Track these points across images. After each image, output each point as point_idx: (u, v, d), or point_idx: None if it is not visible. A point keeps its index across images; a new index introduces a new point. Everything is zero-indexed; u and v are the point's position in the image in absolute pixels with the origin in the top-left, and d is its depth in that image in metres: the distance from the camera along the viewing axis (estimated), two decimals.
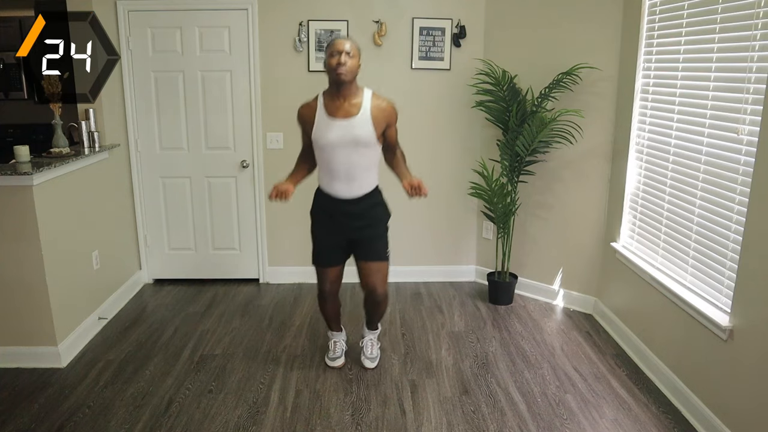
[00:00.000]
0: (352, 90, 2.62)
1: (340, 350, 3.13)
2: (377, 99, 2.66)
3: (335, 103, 2.63)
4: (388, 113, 2.67)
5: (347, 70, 2.53)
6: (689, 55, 2.73)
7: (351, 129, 2.60)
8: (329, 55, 2.55)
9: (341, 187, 2.70)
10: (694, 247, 2.70)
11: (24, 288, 2.95)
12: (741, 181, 2.35)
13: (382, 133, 2.69)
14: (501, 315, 3.76)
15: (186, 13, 3.84)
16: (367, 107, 2.62)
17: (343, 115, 2.61)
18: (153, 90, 3.96)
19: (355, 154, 2.64)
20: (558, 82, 3.47)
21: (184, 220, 4.18)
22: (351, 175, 2.67)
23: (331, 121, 2.62)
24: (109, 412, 2.66)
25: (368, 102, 2.63)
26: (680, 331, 2.74)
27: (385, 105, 2.67)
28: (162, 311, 3.79)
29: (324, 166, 2.73)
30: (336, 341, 3.14)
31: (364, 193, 2.73)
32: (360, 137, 2.60)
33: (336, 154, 2.64)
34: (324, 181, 2.77)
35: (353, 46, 2.57)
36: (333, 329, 3.15)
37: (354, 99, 2.63)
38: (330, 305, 3.02)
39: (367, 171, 2.70)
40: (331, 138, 2.61)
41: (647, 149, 3.13)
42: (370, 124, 2.61)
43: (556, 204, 3.82)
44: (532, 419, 2.64)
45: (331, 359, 3.11)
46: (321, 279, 2.94)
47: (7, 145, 4.42)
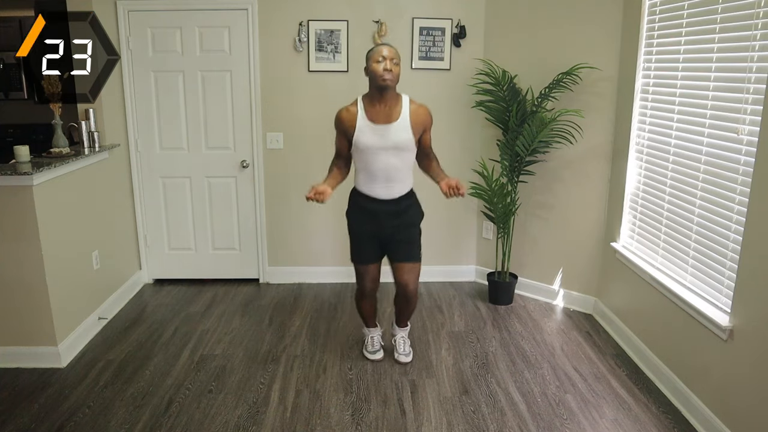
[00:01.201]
0: (392, 95, 2.70)
1: (377, 344, 3.21)
2: (414, 104, 2.77)
3: (375, 108, 2.71)
4: (424, 118, 2.78)
5: (393, 78, 2.62)
6: (689, 55, 2.73)
7: (391, 134, 2.70)
8: (374, 61, 2.63)
9: (380, 189, 2.79)
10: (694, 247, 2.70)
11: (24, 288, 2.95)
12: (741, 181, 2.34)
13: (418, 138, 2.78)
14: (501, 315, 3.76)
15: (186, 13, 3.84)
16: (406, 113, 2.72)
17: (384, 120, 2.70)
18: (153, 90, 3.96)
19: (395, 157, 2.73)
20: (558, 82, 3.47)
21: (184, 220, 4.18)
22: (390, 177, 2.76)
23: (372, 126, 2.71)
24: (109, 412, 2.66)
25: (407, 107, 2.73)
26: (680, 331, 2.74)
27: (422, 111, 2.77)
28: (162, 311, 3.79)
29: (363, 169, 2.81)
30: (373, 336, 3.21)
31: (401, 194, 2.82)
32: (399, 142, 2.71)
33: (376, 157, 2.73)
34: (362, 183, 2.84)
35: (398, 53, 2.66)
36: (369, 326, 3.21)
37: (393, 104, 2.72)
38: (368, 304, 3.10)
39: (405, 173, 2.81)
40: (373, 143, 2.70)
41: (647, 149, 3.13)
42: (409, 130, 2.71)
43: (556, 204, 3.82)
44: (532, 419, 2.64)
45: (370, 352, 3.18)
46: (362, 277, 2.99)
47: (7, 145, 4.42)
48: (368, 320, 3.18)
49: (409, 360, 3.14)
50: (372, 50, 2.67)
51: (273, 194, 4.15)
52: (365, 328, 3.22)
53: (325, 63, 3.94)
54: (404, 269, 2.90)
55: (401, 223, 2.85)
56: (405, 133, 2.71)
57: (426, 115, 2.78)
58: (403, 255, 2.89)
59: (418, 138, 2.78)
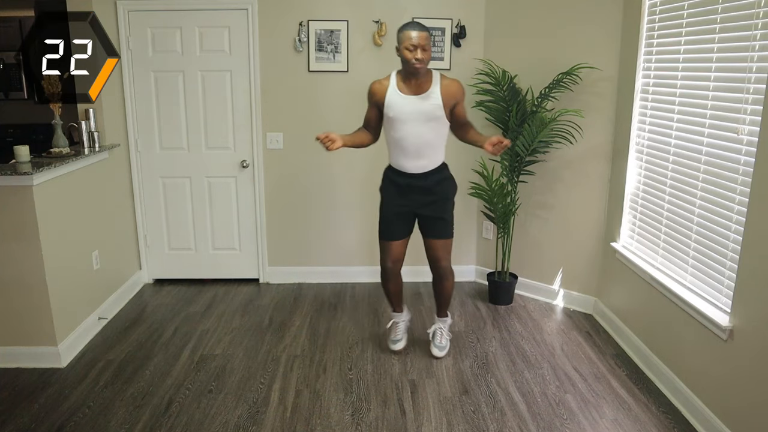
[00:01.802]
0: (423, 72, 2.78)
1: (401, 333, 3.24)
2: (446, 79, 2.85)
3: (407, 82, 2.81)
4: (455, 90, 2.84)
5: (424, 63, 2.71)
6: (689, 55, 2.73)
7: (421, 104, 2.79)
8: (405, 48, 2.70)
9: (411, 163, 2.86)
10: (694, 247, 2.70)
11: (24, 288, 2.95)
12: (741, 181, 2.34)
13: (450, 111, 2.85)
14: (501, 315, 3.76)
15: (186, 13, 3.84)
16: (437, 86, 2.81)
17: (414, 92, 2.80)
18: (153, 90, 3.96)
19: (425, 128, 2.81)
20: (558, 82, 3.47)
21: (184, 220, 4.18)
22: (420, 150, 2.84)
23: (402, 96, 2.81)
24: (109, 412, 2.66)
25: (437, 82, 2.82)
26: (680, 331, 2.74)
27: (453, 84, 2.84)
28: (162, 311, 3.79)
29: (394, 144, 2.88)
30: (397, 322, 3.24)
31: (432, 168, 2.89)
32: (430, 111, 2.79)
33: (407, 128, 2.81)
34: (394, 158, 2.92)
35: (426, 36, 2.71)
36: (395, 309, 3.25)
37: (425, 80, 2.81)
38: (392, 283, 3.12)
39: (436, 147, 2.88)
40: (403, 111, 2.79)
41: (647, 149, 3.13)
42: (439, 99, 2.79)
43: (556, 204, 3.82)
44: (532, 419, 2.64)
45: (393, 342, 3.22)
46: (384, 253, 3.04)
47: (7, 145, 4.42)
48: (393, 302, 3.22)
49: (442, 355, 3.17)
50: (402, 33, 2.72)
51: (273, 194, 4.15)
52: (391, 312, 3.28)
53: (325, 63, 3.94)
54: (436, 245, 3.00)
55: (432, 198, 2.93)
56: (434, 103, 2.78)
57: (457, 88, 2.84)
58: (434, 231, 2.99)
59: (450, 110, 2.84)
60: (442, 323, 3.25)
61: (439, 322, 3.25)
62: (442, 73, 2.87)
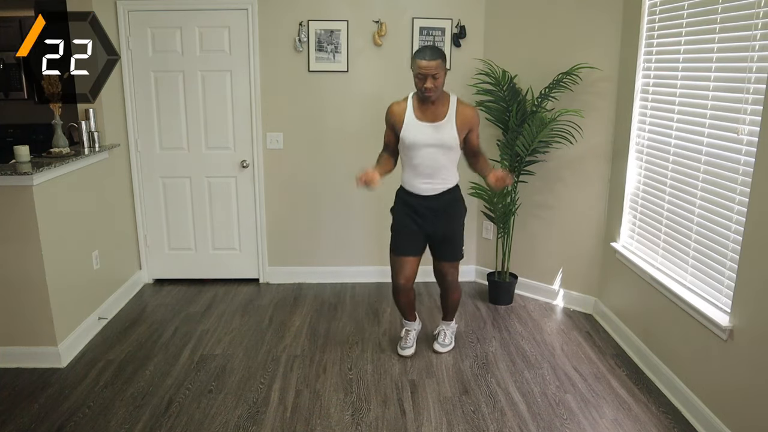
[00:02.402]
0: (439, 96, 2.79)
1: (412, 340, 3.25)
2: (462, 105, 2.85)
3: (423, 107, 2.81)
4: (470, 117, 2.84)
5: (436, 90, 2.70)
6: (689, 55, 2.73)
7: (437, 132, 2.79)
8: (416, 75, 2.70)
9: (424, 185, 2.88)
10: (694, 247, 2.70)
11: (24, 288, 2.95)
12: (741, 181, 2.34)
13: (464, 138, 2.86)
14: (501, 315, 3.75)
15: (186, 13, 3.84)
16: (453, 113, 2.81)
17: (431, 119, 2.80)
18: (153, 90, 3.96)
19: (439, 154, 2.82)
20: (558, 82, 3.47)
21: (184, 220, 4.18)
22: (434, 173, 2.86)
23: (419, 124, 2.81)
24: (109, 412, 2.66)
25: (454, 108, 2.82)
26: (680, 331, 2.74)
27: (469, 111, 2.85)
28: (162, 311, 3.79)
29: (409, 164, 2.90)
30: (409, 330, 3.26)
31: (445, 189, 2.91)
32: (445, 141, 2.80)
33: (421, 153, 2.82)
34: (407, 179, 2.94)
35: (439, 65, 2.66)
36: (408, 318, 3.26)
37: (441, 104, 2.81)
38: (404, 298, 3.13)
39: (448, 170, 2.89)
40: (419, 139, 2.80)
41: (647, 149, 3.13)
42: (454, 129, 2.80)
43: (556, 204, 3.82)
44: (532, 419, 2.64)
45: (402, 348, 3.22)
46: (396, 270, 3.03)
47: (7, 145, 4.42)
48: (406, 312, 3.22)
49: (444, 351, 3.22)
50: (414, 60, 2.70)
51: (273, 194, 4.15)
52: (403, 320, 3.29)
53: (325, 63, 3.94)
54: (444, 266, 3.06)
55: (443, 220, 2.94)
56: (450, 132, 2.79)
57: (473, 115, 2.85)
58: (445, 254, 3.04)
59: (464, 137, 2.85)
60: (446, 326, 3.28)
61: (443, 324, 3.29)
62: (459, 98, 2.86)
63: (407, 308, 3.19)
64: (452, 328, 3.32)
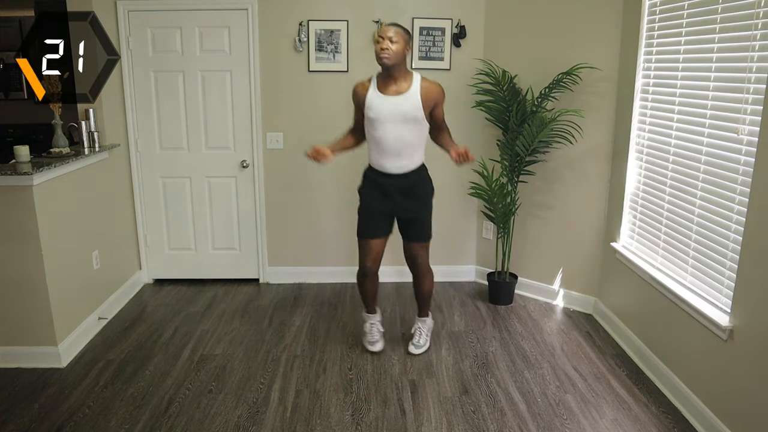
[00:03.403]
0: (401, 73, 2.84)
1: (377, 333, 3.27)
2: (426, 81, 2.88)
3: (386, 83, 2.86)
4: (435, 93, 2.87)
5: (390, 55, 2.74)
6: (689, 55, 2.73)
7: (400, 104, 2.82)
8: (374, 41, 2.81)
9: (391, 163, 2.90)
10: (694, 247, 2.70)
11: (24, 288, 2.95)
12: (741, 181, 2.34)
13: (430, 113, 2.88)
14: (501, 315, 3.76)
15: (186, 13, 3.84)
16: (417, 87, 2.84)
17: (394, 92, 2.84)
18: (153, 90, 3.96)
19: (404, 129, 2.84)
20: (558, 82, 3.47)
21: (184, 220, 4.18)
22: (399, 151, 2.88)
23: (381, 97, 2.85)
24: (109, 412, 2.66)
25: (417, 83, 2.85)
26: (680, 331, 2.74)
27: (433, 87, 2.87)
28: (162, 311, 3.79)
29: (374, 143, 2.92)
30: (372, 323, 3.27)
31: (411, 168, 2.93)
32: (408, 112, 2.82)
33: (386, 129, 2.84)
34: (373, 158, 2.96)
35: (398, 31, 2.77)
36: (369, 311, 3.28)
37: (404, 80, 2.85)
38: (369, 283, 3.15)
39: (415, 148, 2.91)
40: (382, 112, 2.83)
41: (647, 149, 3.13)
42: (418, 101, 2.82)
43: (556, 204, 3.82)
44: (532, 419, 2.64)
45: (369, 343, 3.24)
46: (363, 253, 3.06)
47: (7, 145, 4.42)
48: (367, 302, 3.24)
49: (419, 353, 3.20)
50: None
51: (273, 194, 4.15)
52: (364, 313, 3.28)
53: (325, 63, 3.94)
54: (414, 247, 3.06)
55: (412, 199, 2.96)
56: (413, 104, 2.81)
57: (437, 91, 2.87)
58: (413, 234, 3.04)
59: (429, 113, 2.87)
60: (422, 323, 3.28)
61: (419, 321, 3.28)
62: (423, 76, 2.89)
63: (371, 296, 3.22)
64: (428, 325, 3.31)
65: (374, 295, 3.23)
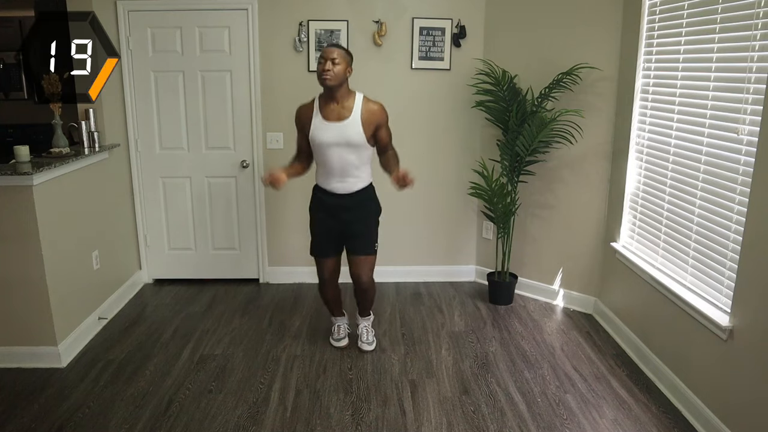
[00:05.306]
0: (343, 94, 2.83)
1: (344, 332, 3.35)
2: (368, 103, 2.87)
3: (329, 106, 2.85)
4: (377, 116, 2.86)
5: (332, 76, 2.74)
6: (689, 55, 2.73)
7: (343, 131, 2.82)
8: (318, 62, 2.79)
9: (336, 184, 2.92)
10: (694, 247, 2.70)
11: (24, 288, 2.95)
12: (741, 181, 2.34)
13: (372, 134, 2.87)
14: (501, 315, 3.76)
15: (186, 13, 3.84)
16: (358, 111, 2.83)
17: (336, 118, 2.83)
18: (153, 90, 3.96)
19: (348, 153, 2.85)
20: (558, 82, 3.47)
21: (184, 220, 4.18)
22: (345, 172, 2.89)
23: (325, 124, 2.84)
24: (109, 412, 2.66)
25: (359, 106, 2.84)
26: (680, 331, 2.74)
27: (375, 108, 2.86)
28: (162, 311, 3.79)
29: (320, 164, 2.95)
30: (340, 325, 3.36)
31: (357, 189, 2.94)
32: (351, 139, 2.82)
33: (331, 153, 2.86)
34: (321, 178, 2.99)
35: (340, 53, 2.77)
36: (335, 314, 3.37)
37: (346, 102, 2.84)
38: (330, 291, 3.22)
39: (360, 169, 2.92)
40: (326, 139, 2.84)
41: (647, 149, 3.13)
42: (359, 127, 2.82)
43: (556, 204, 3.82)
44: (532, 419, 2.64)
45: (335, 340, 3.32)
46: (320, 269, 3.14)
47: (7, 145, 4.41)
48: (333, 309, 3.33)
49: (372, 349, 3.25)
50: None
51: (273, 194, 4.15)
52: (331, 317, 3.37)
53: None
54: (357, 262, 3.04)
55: (357, 217, 2.98)
56: (356, 130, 2.81)
57: (378, 113, 2.86)
58: (356, 248, 3.03)
59: (372, 134, 2.87)
60: (366, 321, 3.32)
61: (363, 321, 3.33)
62: (365, 96, 2.88)
63: (334, 304, 3.29)
64: (371, 321, 3.35)
65: (338, 301, 3.31)
